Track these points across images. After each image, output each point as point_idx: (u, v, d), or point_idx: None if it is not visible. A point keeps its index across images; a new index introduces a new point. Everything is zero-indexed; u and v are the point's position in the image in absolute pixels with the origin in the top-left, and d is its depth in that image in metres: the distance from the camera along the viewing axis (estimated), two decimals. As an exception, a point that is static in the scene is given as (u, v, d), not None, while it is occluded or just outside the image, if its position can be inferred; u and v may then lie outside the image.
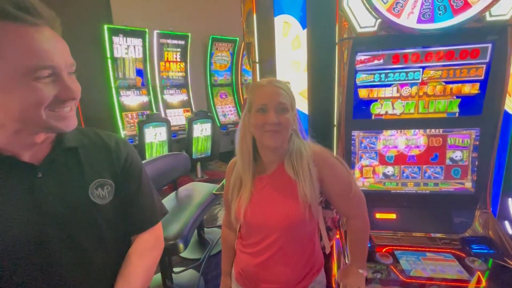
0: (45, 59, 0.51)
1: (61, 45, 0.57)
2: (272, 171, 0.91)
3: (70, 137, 0.66)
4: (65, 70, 0.55)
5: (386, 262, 1.12)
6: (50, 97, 0.53)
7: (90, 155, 0.68)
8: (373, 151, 1.35)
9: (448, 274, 1.04)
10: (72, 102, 0.58)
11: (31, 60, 0.50)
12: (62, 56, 0.55)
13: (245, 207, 0.89)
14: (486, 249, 1.16)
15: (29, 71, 0.50)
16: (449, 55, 1.18)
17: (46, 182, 0.60)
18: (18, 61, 0.49)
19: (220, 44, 5.20)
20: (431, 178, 1.32)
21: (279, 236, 0.88)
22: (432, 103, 1.25)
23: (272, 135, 0.82)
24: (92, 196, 0.64)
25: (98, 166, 0.68)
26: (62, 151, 0.64)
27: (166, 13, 4.58)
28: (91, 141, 0.70)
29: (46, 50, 0.52)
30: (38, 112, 0.53)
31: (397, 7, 1.13)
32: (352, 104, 1.31)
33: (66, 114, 0.57)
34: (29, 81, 0.51)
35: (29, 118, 0.53)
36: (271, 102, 0.82)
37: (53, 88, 0.53)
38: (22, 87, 0.51)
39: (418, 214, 1.32)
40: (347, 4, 1.18)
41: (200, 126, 4.09)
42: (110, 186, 0.68)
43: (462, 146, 1.27)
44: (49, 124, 0.55)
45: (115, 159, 0.71)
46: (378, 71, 1.26)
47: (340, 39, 1.25)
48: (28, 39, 0.50)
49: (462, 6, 1.08)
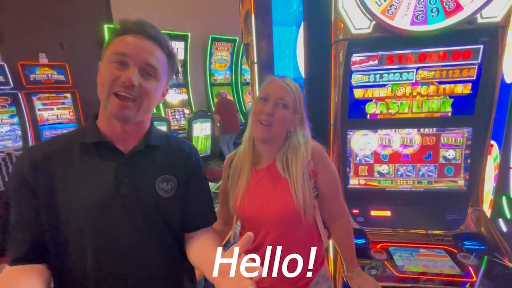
0: (119, 47, 0.65)
1: (144, 45, 0.68)
2: (268, 165, 0.93)
3: (155, 137, 0.78)
4: (137, 64, 0.66)
5: (380, 258, 1.15)
6: (112, 77, 0.64)
7: (165, 155, 0.79)
8: (368, 150, 1.38)
9: (440, 269, 1.07)
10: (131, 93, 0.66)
11: (112, 47, 0.66)
12: (138, 51, 0.66)
13: (241, 196, 0.90)
14: (478, 245, 1.19)
15: (110, 55, 0.65)
16: (442, 56, 1.21)
17: (126, 168, 0.72)
18: (110, 50, 0.66)
19: (220, 43, 5.23)
20: (425, 176, 1.35)
21: (273, 230, 0.89)
22: (425, 103, 1.28)
23: (261, 127, 0.84)
24: (157, 188, 0.74)
25: (167, 165, 0.78)
26: (146, 146, 0.75)
27: (166, 13, 4.60)
28: (169, 143, 0.82)
29: (125, 43, 0.66)
30: (103, 89, 0.65)
31: (391, 9, 1.16)
32: (347, 104, 1.34)
33: (122, 103, 0.65)
34: (108, 63, 0.65)
35: (100, 94, 0.67)
36: (274, 94, 0.85)
37: (118, 72, 0.64)
38: (104, 68, 0.66)
39: (412, 211, 1.35)
40: (342, 6, 1.21)
41: (200, 126, 4.12)
42: (173, 183, 0.77)
43: (455, 145, 1.30)
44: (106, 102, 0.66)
45: (184, 163, 0.81)
46: (373, 72, 1.29)
47: (336, 40, 1.28)
48: (121, 38, 0.67)
49: (454, 8, 1.11)
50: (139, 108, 0.68)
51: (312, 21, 1.45)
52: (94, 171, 0.69)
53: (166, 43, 0.72)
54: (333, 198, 0.96)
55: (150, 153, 0.76)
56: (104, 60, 0.67)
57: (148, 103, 0.70)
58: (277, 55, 1.84)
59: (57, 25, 3.80)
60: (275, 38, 1.82)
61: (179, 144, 0.84)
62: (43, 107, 3.81)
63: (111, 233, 0.69)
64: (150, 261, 0.74)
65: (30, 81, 3.66)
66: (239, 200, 0.91)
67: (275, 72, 1.71)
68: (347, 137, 1.38)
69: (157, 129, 0.83)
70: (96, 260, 0.68)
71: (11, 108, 3.59)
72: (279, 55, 1.87)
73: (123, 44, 0.66)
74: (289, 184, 0.87)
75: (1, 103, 3.53)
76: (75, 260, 0.68)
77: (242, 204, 0.91)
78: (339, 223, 1.00)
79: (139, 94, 0.67)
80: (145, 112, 0.71)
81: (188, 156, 0.83)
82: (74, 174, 0.68)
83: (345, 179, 1.41)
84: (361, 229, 1.32)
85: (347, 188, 1.42)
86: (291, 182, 0.86)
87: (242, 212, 0.92)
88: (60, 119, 3.91)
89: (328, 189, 0.94)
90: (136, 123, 0.72)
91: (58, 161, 0.68)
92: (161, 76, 0.72)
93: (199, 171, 0.85)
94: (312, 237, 0.97)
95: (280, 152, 0.91)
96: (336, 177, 0.95)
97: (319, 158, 0.92)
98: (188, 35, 4.67)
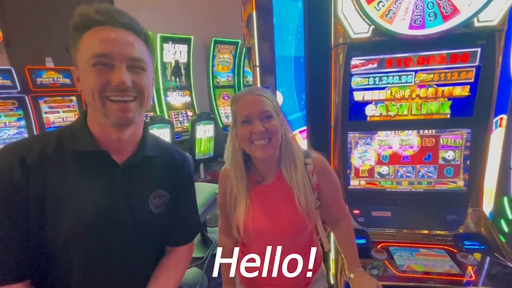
0: (96, 48, 0.57)
1: (122, 38, 0.60)
2: (272, 181, 0.90)
3: (150, 146, 0.74)
4: (123, 62, 0.60)
5: (380, 257, 1.17)
6: (100, 82, 0.58)
7: (159, 166, 0.75)
8: (369, 152, 1.40)
9: (439, 268, 1.09)
10: (128, 94, 0.61)
11: (87, 49, 0.58)
12: (120, 48, 0.59)
13: (243, 219, 0.88)
14: (478, 245, 1.20)
15: (88, 59, 0.58)
16: (440, 59, 1.23)
17: (120, 182, 0.67)
18: (86, 52, 0.58)
19: (222, 46, 5.26)
20: (424, 177, 1.37)
21: (284, 244, 0.89)
22: (424, 105, 1.30)
23: (261, 147, 0.81)
24: (150, 204, 0.71)
25: (161, 178, 0.75)
26: (141, 157, 0.71)
27: (169, 17, 4.65)
28: (163, 153, 0.78)
29: (101, 41, 0.58)
30: (93, 96, 0.59)
31: (390, 14, 1.19)
32: (347, 106, 1.36)
33: (123, 106, 0.61)
34: (88, 67, 0.58)
35: (90, 102, 0.60)
36: (254, 111, 0.80)
37: (106, 75, 0.58)
38: (86, 73, 0.59)
39: (413, 212, 1.36)
40: (341, 11, 1.24)
41: (203, 128, 4.15)
42: (165, 198, 0.75)
43: (454, 146, 1.31)
44: (104, 109, 0.60)
45: (176, 175, 0.78)
46: (372, 75, 1.31)
47: (336, 44, 1.31)
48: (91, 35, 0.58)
49: (451, 12, 1.13)
50: (141, 106, 0.65)
51: (312, 25, 1.47)
52: (88, 183, 0.64)
53: (140, 27, 0.64)
54: (336, 205, 0.98)
55: (145, 164, 0.72)
56: (82, 64, 0.59)
57: (148, 98, 0.66)
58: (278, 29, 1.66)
59: (62, 30, 3.84)
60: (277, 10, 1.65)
61: (172, 155, 0.80)
62: (49, 110, 3.88)
63: (101, 250, 0.66)
64: (135, 276, 0.73)
65: (37, 84, 3.72)
66: (241, 224, 0.88)
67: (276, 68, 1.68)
68: (347, 138, 1.40)
69: (151, 137, 0.78)
70: (82, 276, 0.65)
71: (18, 111, 3.66)
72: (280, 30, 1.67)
73: (98, 43, 0.58)
74: (294, 192, 0.86)
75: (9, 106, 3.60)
76: (59, 277, 0.65)
77: (247, 223, 0.88)
78: (340, 224, 1.02)
79: (137, 91, 0.62)
80: (145, 108, 0.67)
81: (180, 169, 0.80)
82: (67, 185, 0.62)
83: (346, 180, 1.43)
84: (362, 229, 1.34)
85: (348, 189, 1.44)
86: (293, 186, 0.86)
87: (250, 232, 0.89)
88: (65, 121, 3.97)
89: (331, 198, 0.95)
90: (131, 131, 0.67)
91: (51, 167, 0.61)
92: (148, 66, 0.66)
93: (189, 185, 0.83)
94: (312, 241, 1.00)
95: (282, 163, 0.88)
96: (338, 185, 0.96)
97: (322, 172, 0.91)
98: (191, 38, 4.71)
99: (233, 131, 0.88)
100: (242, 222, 0.88)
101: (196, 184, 2.78)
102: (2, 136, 3.58)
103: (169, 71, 4.74)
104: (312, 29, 1.48)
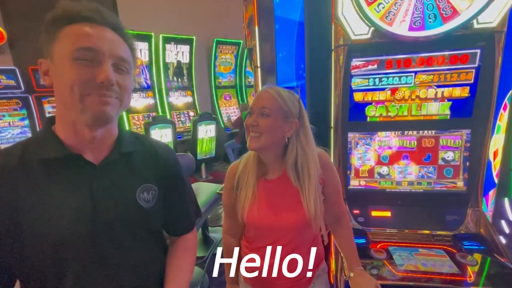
0: (83, 41, 0.55)
1: (111, 37, 0.59)
2: (278, 176, 0.93)
3: (127, 142, 0.71)
4: (110, 60, 0.58)
5: (380, 257, 1.18)
6: (83, 78, 0.55)
7: (141, 160, 0.72)
8: (369, 152, 1.41)
9: (438, 268, 1.09)
10: (108, 92, 0.58)
11: (72, 41, 0.55)
12: (110, 45, 0.58)
13: (250, 206, 0.90)
14: (477, 246, 1.21)
15: (71, 51, 0.54)
16: (440, 60, 1.24)
17: (101, 182, 0.64)
18: (68, 44, 0.55)
19: (224, 46, 5.29)
20: (424, 177, 1.37)
21: (290, 238, 0.91)
22: (424, 106, 1.31)
23: (251, 138, 0.86)
24: (138, 199, 0.69)
25: (146, 172, 0.72)
26: (119, 154, 0.68)
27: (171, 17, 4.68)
28: (144, 147, 0.75)
29: (89, 35, 0.55)
30: (72, 93, 0.55)
31: (389, 16, 1.20)
32: (348, 107, 1.37)
33: (104, 100, 0.58)
34: (69, 60, 0.55)
35: (65, 98, 0.56)
36: (256, 105, 0.86)
37: (90, 71, 0.55)
38: (66, 67, 0.55)
39: (412, 212, 1.37)
40: (342, 13, 1.25)
41: (204, 128, 4.17)
42: (154, 191, 0.72)
43: (453, 147, 1.32)
44: (82, 105, 0.57)
45: (162, 168, 0.76)
46: (373, 76, 1.32)
47: (336, 45, 1.32)
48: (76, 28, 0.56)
49: (451, 14, 1.14)
50: (121, 105, 0.63)
51: (313, 27, 1.49)
52: (64, 190, 0.60)
53: (127, 33, 0.63)
54: (337, 199, 1.00)
55: (125, 161, 0.69)
56: (59, 57, 0.56)
57: (127, 101, 0.64)
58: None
59: (66, 30, 3.89)
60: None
61: (154, 147, 0.77)
62: (53, 109, 3.92)
63: (95, 256, 0.63)
64: (139, 273, 0.71)
65: (41, 84, 3.76)
66: (246, 211, 0.91)
67: (277, 62, 1.70)
68: (347, 139, 1.41)
69: (128, 133, 0.75)
70: (78, 280, 0.62)
71: (22, 111, 3.71)
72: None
73: (85, 36, 0.55)
74: (301, 194, 0.88)
75: (13, 106, 3.65)
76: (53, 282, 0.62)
77: (252, 214, 0.91)
78: (340, 221, 1.04)
79: (119, 93, 0.60)
80: (123, 110, 0.65)
81: (165, 160, 0.78)
82: (40, 196, 0.58)
83: (346, 180, 1.44)
84: (361, 229, 1.35)
85: (348, 189, 1.45)
86: (303, 194, 0.87)
87: (251, 221, 0.92)
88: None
89: (333, 192, 0.98)
90: (105, 129, 0.65)
91: (17, 181, 0.58)
92: (131, 69, 0.64)
93: (178, 175, 0.82)
94: (314, 238, 1.01)
95: (289, 161, 0.89)
96: (339, 181, 0.99)
97: (326, 167, 0.94)
98: (193, 39, 4.74)
99: None
100: (246, 211, 0.91)
101: (197, 184, 2.81)
102: (6, 136, 3.62)
103: (171, 71, 4.77)
104: (313, 30, 1.49)
